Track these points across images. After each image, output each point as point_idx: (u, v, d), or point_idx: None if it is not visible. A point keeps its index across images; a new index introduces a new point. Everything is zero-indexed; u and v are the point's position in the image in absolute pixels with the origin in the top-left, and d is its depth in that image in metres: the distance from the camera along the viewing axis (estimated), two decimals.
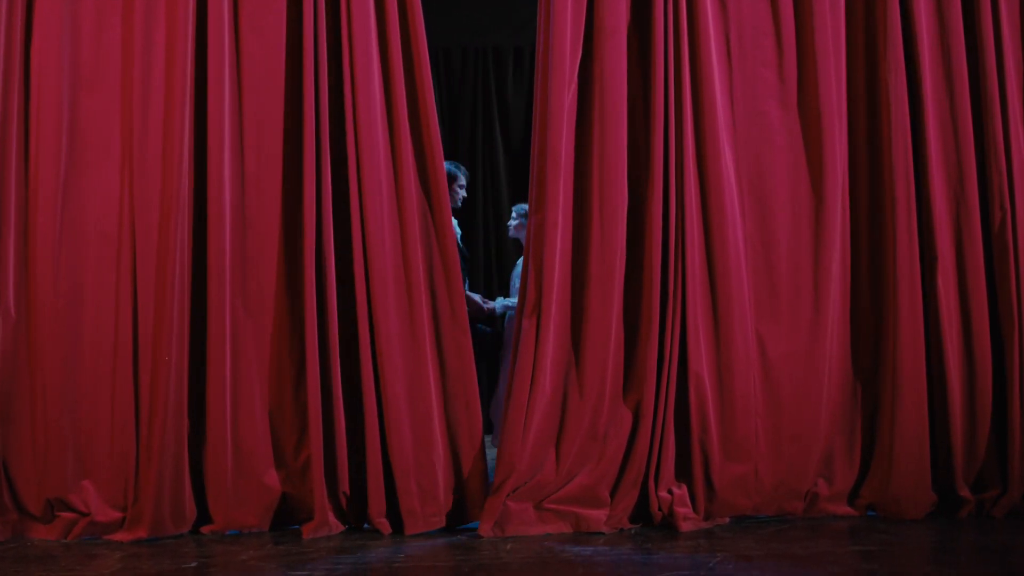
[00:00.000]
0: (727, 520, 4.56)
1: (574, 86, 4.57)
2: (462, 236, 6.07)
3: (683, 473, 4.57)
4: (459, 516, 4.57)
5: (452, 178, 6.01)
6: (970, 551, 4.00)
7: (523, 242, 6.03)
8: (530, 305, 4.54)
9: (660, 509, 4.48)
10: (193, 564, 3.98)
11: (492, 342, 6.03)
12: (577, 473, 4.50)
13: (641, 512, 4.53)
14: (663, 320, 4.57)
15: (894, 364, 4.62)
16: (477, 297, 5.97)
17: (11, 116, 4.53)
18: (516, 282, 5.95)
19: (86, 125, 4.58)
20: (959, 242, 4.72)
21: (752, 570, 3.70)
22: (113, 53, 4.60)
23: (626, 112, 4.61)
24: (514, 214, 6.07)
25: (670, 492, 4.51)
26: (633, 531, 4.44)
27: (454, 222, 6.02)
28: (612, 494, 4.51)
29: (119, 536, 4.40)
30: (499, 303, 5.90)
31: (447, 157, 8.99)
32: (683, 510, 4.45)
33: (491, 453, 6.34)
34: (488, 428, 6.39)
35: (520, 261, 5.97)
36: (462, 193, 6.05)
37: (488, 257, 9.87)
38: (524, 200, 7.66)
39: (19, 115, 4.56)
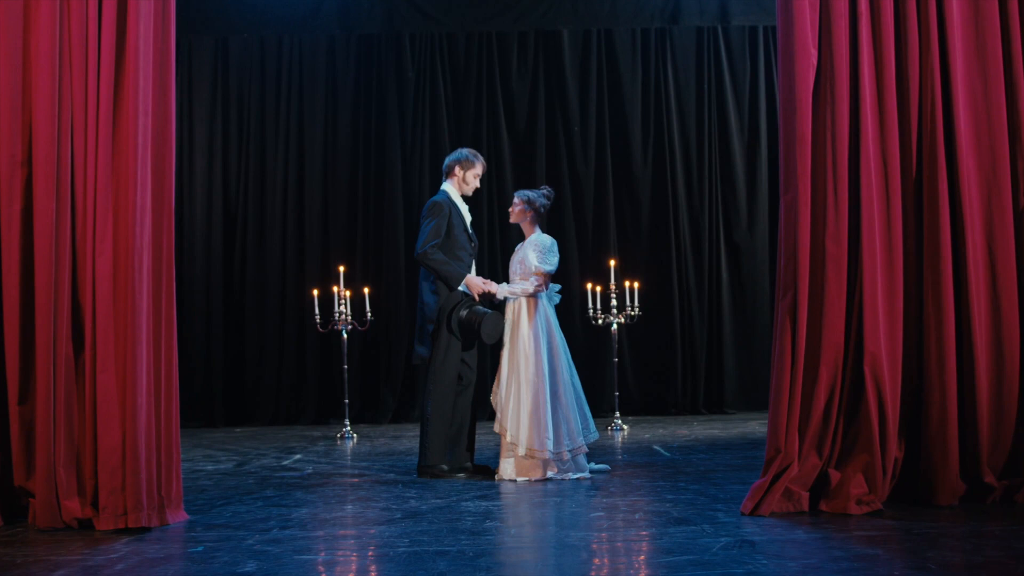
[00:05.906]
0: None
1: (814, 69, 4.55)
2: (471, 222, 6.07)
3: (866, 453, 4.49)
4: None
5: (470, 165, 6.01)
6: (976, 537, 3.97)
7: (522, 227, 6.00)
8: (784, 287, 4.51)
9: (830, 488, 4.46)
10: (200, 548, 4.01)
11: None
12: (810, 455, 4.47)
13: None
14: (848, 299, 4.54)
15: (939, 350, 4.53)
16: (479, 280, 5.95)
17: None
18: (516, 267, 5.89)
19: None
20: (990, 229, 4.63)
21: (755, 553, 3.70)
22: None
23: (848, 93, 4.57)
24: (516, 199, 6.00)
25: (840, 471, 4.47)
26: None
27: (464, 207, 6.03)
28: (819, 474, 4.48)
29: (103, 525, 4.35)
30: (503, 288, 5.87)
31: (453, 144, 8.99)
32: (858, 491, 4.41)
33: (493, 439, 6.33)
34: (491, 413, 6.41)
35: (519, 247, 5.94)
36: (475, 183, 6.05)
37: (492, 241, 9.87)
38: (529, 185, 7.66)
39: None
